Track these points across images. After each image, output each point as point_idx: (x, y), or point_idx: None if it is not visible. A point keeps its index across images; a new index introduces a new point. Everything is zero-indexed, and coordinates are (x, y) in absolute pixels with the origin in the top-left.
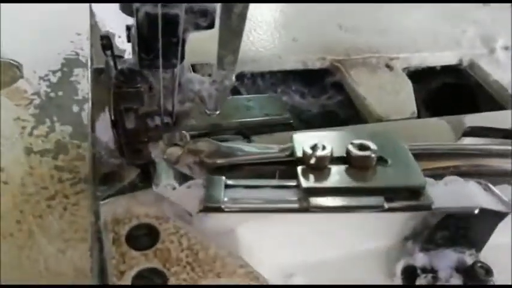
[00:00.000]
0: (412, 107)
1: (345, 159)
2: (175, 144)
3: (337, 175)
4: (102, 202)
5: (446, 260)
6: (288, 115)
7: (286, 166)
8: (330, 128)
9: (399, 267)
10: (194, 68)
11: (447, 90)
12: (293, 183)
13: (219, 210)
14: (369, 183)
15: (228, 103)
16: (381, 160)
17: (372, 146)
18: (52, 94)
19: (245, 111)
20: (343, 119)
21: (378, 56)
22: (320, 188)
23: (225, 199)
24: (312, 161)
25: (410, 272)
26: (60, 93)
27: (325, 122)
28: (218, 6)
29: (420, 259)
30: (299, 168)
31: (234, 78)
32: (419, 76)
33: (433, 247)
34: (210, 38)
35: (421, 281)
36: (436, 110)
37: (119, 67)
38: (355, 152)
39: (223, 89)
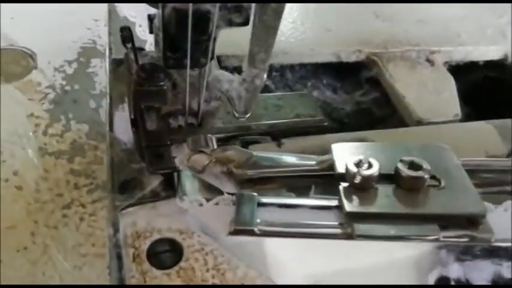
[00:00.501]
0: (455, 108)
1: (392, 177)
2: (201, 151)
3: (384, 197)
4: (121, 212)
5: (482, 272)
6: (321, 116)
7: (323, 179)
8: (368, 132)
9: (432, 277)
10: (219, 59)
11: (487, 83)
12: (333, 202)
13: (251, 233)
14: (420, 208)
15: (256, 102)
16: (434, 179)
17: (425, 165)
18: (67, 87)
19: (275, 112)
20: (378, 117)
21: (418, 49)
22: (366, 213)
23: (258, 220)
24: (357, 180)
25: (443, 284)
26: (76, 86)
27: (359, 121)
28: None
29: (455, 270)
30: (341, 188)
31: (265, 77)
32: (460, 70)
33: (469, 258)
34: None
35: None
36: (476, 105)
37: (140, 62)
38: (405, 171)
39: (253, 89)
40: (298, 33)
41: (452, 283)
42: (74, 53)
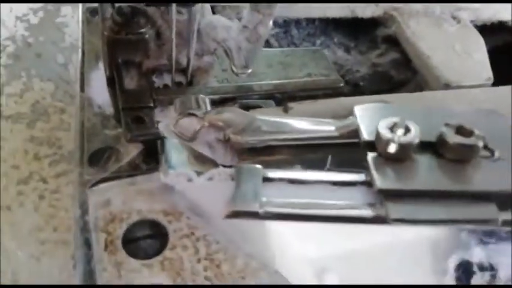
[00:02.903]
0: (487, 71)
1: (433, 146)
2: (191, 114)
3: (425, 171)
4: (91, 189)
5: (508, 256)
6: (337, 76)
7: (342, 149)
8: (390, 96)
9: (452, 262)
10: (213, 10)
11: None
12: (359, 177)
13: (255, 216)
14: (473, 184)
15: (259, 58)
16: (485, 149)
17: (477, 130)
18: (31, 39)
19: (281, 70)
20: (397, 81)
21: (443, 4)
22: (404, 191)
23: (263, 199)
24: (392, 149)
25: (464, 269)
26: (41, 38)
27: (375, 85)
28: None
29: (477, 254)
30: (370, 158)
31: (270, 25)
32: (485, 31)
33: (493, 240)
34: None
35: (477, 279)
36: (500, 71)
37: (116, 4)
38: (453, 138)
39: (256, 38)
40: None
41: (475, 269)
42: None
